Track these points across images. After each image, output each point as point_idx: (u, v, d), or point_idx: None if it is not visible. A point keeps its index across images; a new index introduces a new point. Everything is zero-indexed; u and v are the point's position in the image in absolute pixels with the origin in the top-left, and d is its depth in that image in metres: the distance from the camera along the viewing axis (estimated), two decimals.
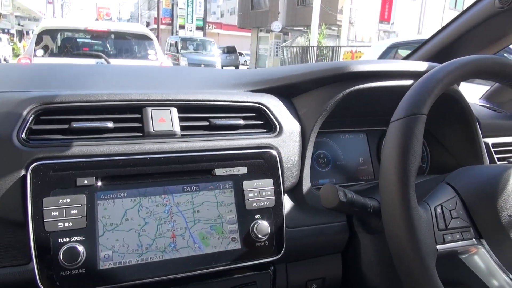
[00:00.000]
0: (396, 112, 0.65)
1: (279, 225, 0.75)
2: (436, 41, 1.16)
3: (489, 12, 1.04)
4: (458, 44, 1.14)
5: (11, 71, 1.04)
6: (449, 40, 1.14)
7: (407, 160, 0.60)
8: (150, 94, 0.75)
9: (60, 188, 0.62)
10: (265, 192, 0.75)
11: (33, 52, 4.75)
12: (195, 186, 0.71)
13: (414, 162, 0.60)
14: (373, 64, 0.89)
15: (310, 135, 0.84)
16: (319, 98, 0.87)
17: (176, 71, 1.22)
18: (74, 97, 0.70)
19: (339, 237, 0.86)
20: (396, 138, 0.62)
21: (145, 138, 0.72)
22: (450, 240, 0.65)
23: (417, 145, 0.61)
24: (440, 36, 1.16)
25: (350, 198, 0.68)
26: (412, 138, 0.61)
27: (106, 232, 0.63)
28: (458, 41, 1.13)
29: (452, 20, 1.15)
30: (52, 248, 0.60)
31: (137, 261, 0.64)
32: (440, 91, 0.65)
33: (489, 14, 1.04)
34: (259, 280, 0.78)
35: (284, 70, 0.96)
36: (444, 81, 0.65)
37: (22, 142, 0.64)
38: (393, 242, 0.62)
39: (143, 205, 0.67)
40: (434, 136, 1.05)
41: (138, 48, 5.53)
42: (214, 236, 0.70)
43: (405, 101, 0.65)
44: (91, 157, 0.66)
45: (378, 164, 1.06)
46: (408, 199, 0.60)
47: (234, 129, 0.79)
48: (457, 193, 0.69)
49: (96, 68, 1.19)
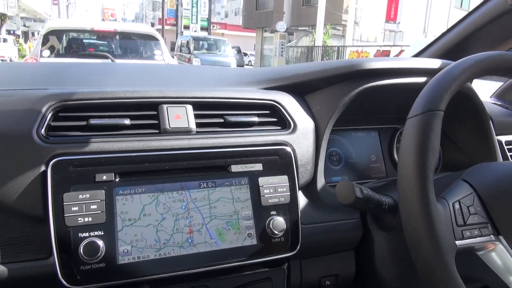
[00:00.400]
0: (413, 109, 0.65)
1: (294, 222, 0.76)
2: (448, 38, 1.16)
3: (501, 9, 1.04)
4: (470, 41, 1.14)
5: (27, 69, 1.05)
6: (460, 38, 1.14)
7: (426, 156, 0.60)
8: (166, 91, 0.76)
9: (79, 184, 0.63)
10: (280, 188, 0.76)
11: (39, 52, 4.78)
12: (211, 182, 0.71)
13: (432, 158, 0.60)
14: (386, 61, 0.89)
15: (324, 133, 0.85)
16: (333, 95, 0.87)
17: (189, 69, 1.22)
18: (92, 95, 0.71)
19: (353, 234, 0.86)
20: (414, 134, 0.62)
21: (162, 134, 0.72)
22: (468, 236, 0.65)
23: (435, 141, 0.61)
24: (451, 33, 1.16)
25: (366, 194, 0.68)
26: (430, 134, 0.61)
27: (124, 227, 0.64)
28: (469, 38, 1.13)
29: (464, 18, 1.15)
30: (72, 243, 0.61)
31: (155, 256, 0.65)
32: (456, 87, 0.65)
33: (501, 11, 1.04)
34: (274, 276, 0.78)
35: (297, 68, 0.96)
36: (461, 78, 0.65)
37: (42, 139, 0.65)
38: (412, 238, 0.63)
39: (161, 200, 0.67)
40: (447, 133, 1.05)
41: (144, 48, 5.54)
42: (231, 232, 0.71)
43: (422, 97, 0.65)
44: (109, 153, 0.67)
45: (390, 162, 1.06)
46: (427, 195, 0.60)
47: (249, 126, 0.80)
48: (474, 190, 0.69)
49: (111, 66, 1.20)
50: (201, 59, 12.90)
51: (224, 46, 14.55)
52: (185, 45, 14.42)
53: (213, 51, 14.23)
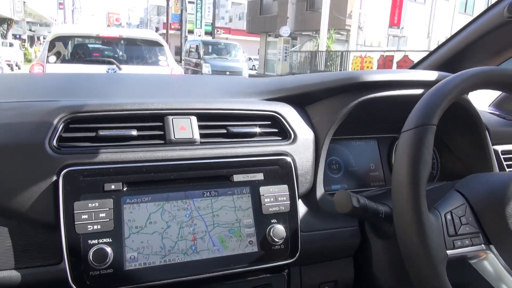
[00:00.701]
0: (407, 123, 0.68)
1: (294, 229, 0.78)
2: (445, 50, 1.19)
3: (498, 22, 1.06)
4: (467, 53, 1.16)
5: (38, 80, 1.09)
6: (458, 49, 1.16)
7: (418, 169, 0.63)
8: (171, 103, 0.79)
9: (89, 193, 0.66)
10: (280, 197, 0.78)
11: (45, 58, 4.84)
12: (214, 192, 0.74)
13: (424, 172, 0.63)
14: (384, 74, 0.92)
15: (323, 143, 0.87)
16: (332, 106, 0.90)
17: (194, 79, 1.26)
18: (101, 107, 0.74)
19: (351, 241, 0.88)
20: (407, 148, 0.64)
21: (167, 145, 0.76)
22: (459, 245, 0.67)
23: (427, 154, 0.63)
24: (449, 45, 1.19)
25: (363, 203, 0.70)
26: (422, 148, 0.63)
27: (131, 234, 0.67)
28: (466, 50, 1.15)
29: (461, 29, 1.17)
30: (82, 249, 0.64)
31: (161, 262, 0.68)
32: (448, 102, 0.68)
33: (498, 23, 1.06)
34: (275, 282, 0.81)
35: (297, 79, 0.99)
36: (453, 93, 0.68)
37: (54, 149, 0.68)
38: (405, 248, 0.65)
39: (166, 209, 0.70)
40: (445, 143, 1.08)
41: (149, 54, 5.60)
42: (233, 239, 0.73)
43: (415, 112, 0.68)
44: (117, 164, 0.70)
45: (388, 170, 1.09)
46: (419, 207, 0.62)
47: (251, 137, 0.83)
48: (467, 200, 0.72)
49: (118, 77, 1.24)
50: (211, 64, 11.93)
51: (235, 50, 13.63)
52: (194, 50, 13.55)
53: (223, 56, 13.25)
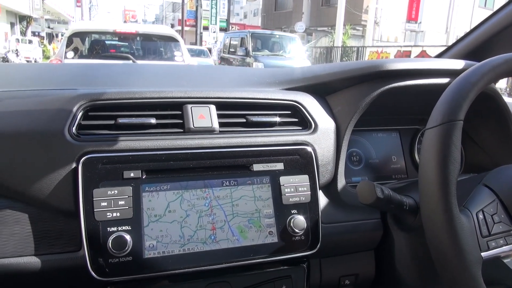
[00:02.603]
0: (432, 119, 0.64)
1: (314, 221, 0.77)
2: (472, 38, 1.15)
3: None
4: (494, 42, 1.12)
5: (56, 70, 1.09)
6: (484, 38, 1.12)
7: (447, 169, 0.60)
8: (190, 91, 0.78)
9: (108, 180, 0.66)
10: (301, 187, 0.77)
11: (63, 54, 4.91)
12: (233, 181, 0.73)
13: (454, 171, 0.60)
14: (408, 62, 0.89)
15: (344, 133, 0.85)
16: (354, 96, 0.87)
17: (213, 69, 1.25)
18: (120, 95, 0.74)
19: (373, 234, 0.86)
20: (435, 146, 0.61)
21: (186, 134, 0.75)
22: (494, 246, 0.64)
23: (456, 152, 0.60)
24: (476, 33, 1.15)
25: (387, 194, 0.68)
26: (451, 146, 0.60)
27: (150, 223, 0.67)
28: (493, 39, 1.11)
29: (488, 18, 1.13)
30: (101, 237, 0.64)
31: (179, 251, 0.67)
32: (475, 94, 0.64)
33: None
34: (294, 274, 0.80)
35: (317, 69, 0.97)
36: (479, 84, 0.64)
37: (73, 137, 0.68)
38: (437, 253, 0.62)
39: (185, 198, 0.70)
40: (469, 135, 1.04)
41: (165, 49, 5.62)
42: (252, 230, 0.72)
43: (440, 106, 0.64)
44: (136, 151, 0.69)
45: (411, 162, 1.06)
46: (450, 209, 0.59)
47: (271, 126, 0.81)
48: (497, 196, 0.69)
49: (135, 67, 1.23)
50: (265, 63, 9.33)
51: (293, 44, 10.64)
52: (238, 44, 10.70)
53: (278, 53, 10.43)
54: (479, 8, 20.42)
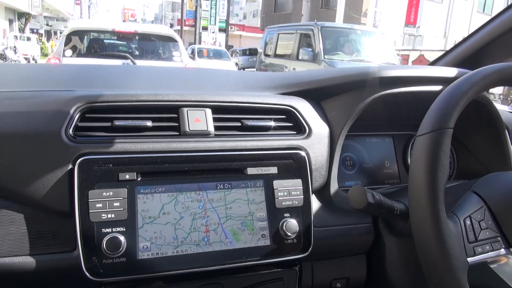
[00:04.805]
0: (422, 126, 0.66)
1: (307, 224, 0.78)
2: (465, 47, 1.16)
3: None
4: (488, 50, 1.13)
5: (54, 70, 1.10)
6: (478, 46, 1.14)
7: (436, 175, 0.61)
8: (186, 95, 0.79)
9: (104, 182, 0.67)
10: (294, 191, 0.78)
11: (62, 52, 4.90)
12: (227, 184, 0.74)
13: (442, 177, 0.61)
14: (401, 69, 0.90)
15: (338, 138, 0.87)
16: (348, 102, 0.89)
17: (209, 73, 1.25)
18: (117, 97, 0.74)
19: (365, 238, 0.87)
20: (424, 153, 0.62)
21: (182, 137, 0.76)
22: (480, 252, 0.66)
23: (445, 159, 0.62)
24: (470, 41, 1.16)
25: (378, 199, 0.69)
26: (440, 153, 0.61)
27: (145, 224, 0.67)
28: (487, 47, 1.13)
29: (482, 26, 1.15)
30: (96, 237, 0.64)
31: (173, 253, 0.68)
32: (466, 102, 0.65)
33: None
34: (286, 276, 0.81)
35: (313, 74, 0.98)
36: (469, 93, 0.65)
37: (70, 138, 0.68)
38: (424, 257, 0.64)
39: (179, 200, 0.70)
40: (461, 141, 1.06)
41: (163, 49, 5.62)
42: (245, 232, 0.73)
43: (431, 114, 0.65)
44: (132, 154, 0.70)
45: (404, 168, 1.07)
46: (438, 214, 0.61)
47: (265, 130, 0.82)
48: (485, 202, 0.70)
49: (133, 68, 1.24)
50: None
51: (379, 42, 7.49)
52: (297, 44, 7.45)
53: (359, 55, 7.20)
54: (477, 13, 20.52)
